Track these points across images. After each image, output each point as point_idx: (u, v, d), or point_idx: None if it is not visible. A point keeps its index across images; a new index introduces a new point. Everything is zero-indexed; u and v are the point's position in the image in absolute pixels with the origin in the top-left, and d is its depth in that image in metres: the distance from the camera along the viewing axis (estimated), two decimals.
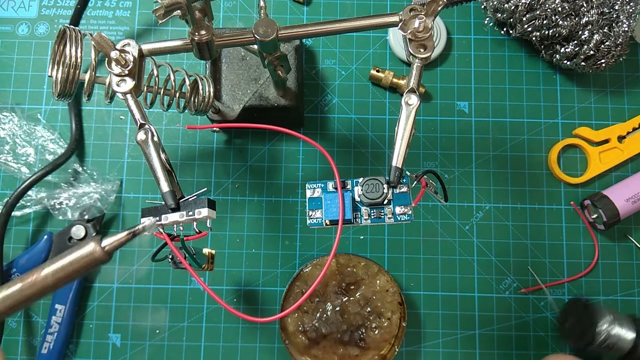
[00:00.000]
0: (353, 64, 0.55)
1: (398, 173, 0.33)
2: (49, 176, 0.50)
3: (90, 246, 0.23)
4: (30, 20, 0.56)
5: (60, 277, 0.23)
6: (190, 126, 0.44)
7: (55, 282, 0.23)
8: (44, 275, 0.23)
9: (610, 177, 0.54)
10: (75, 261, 0.23)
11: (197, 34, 0.35)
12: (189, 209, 0.33)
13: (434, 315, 0.51)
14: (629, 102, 0.55)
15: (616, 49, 0.50)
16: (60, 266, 0.23)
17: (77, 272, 0.23)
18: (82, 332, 0.51)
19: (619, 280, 0.52)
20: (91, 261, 0.23)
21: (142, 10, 0.57)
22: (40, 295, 0.23)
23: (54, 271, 0.23)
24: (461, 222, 0.53)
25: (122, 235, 0.25)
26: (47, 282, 0.23)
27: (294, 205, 0.53)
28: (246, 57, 0.51)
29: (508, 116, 0.54)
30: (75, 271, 0.23)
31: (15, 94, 0.55)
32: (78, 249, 0.23)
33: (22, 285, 0.23)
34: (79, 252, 0.23)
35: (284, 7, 0.57)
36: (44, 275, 0.23)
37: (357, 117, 0.54)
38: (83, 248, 0.23)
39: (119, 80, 0.35)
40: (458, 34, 0.56)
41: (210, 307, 0.51)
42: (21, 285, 0.23)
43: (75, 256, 0.23)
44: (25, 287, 0.23)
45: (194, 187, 0.53)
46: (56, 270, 0.23)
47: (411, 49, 0.34)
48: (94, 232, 0.51)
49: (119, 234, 0.25)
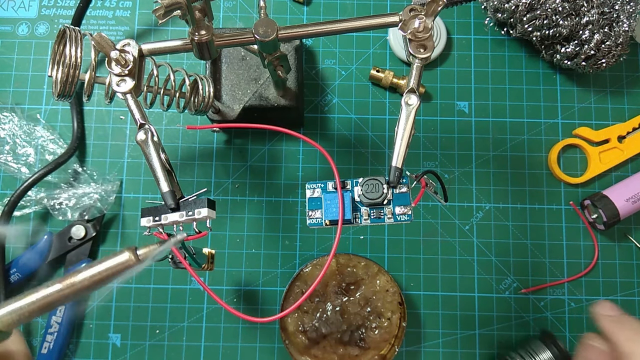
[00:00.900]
0: (353, 64, 0.55)
1: (398, 173, 0.32)
2: (49, 176, 0.50)
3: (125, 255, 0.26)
4: (30, 20, 0.57)
5: (96, 280, 0.26)
6: (191, 126, 0.44)
7: (90, 285, 0.26)
8: (81, 278, 0.26)
9: (610, 177, 0.54)
10: (111, 267, 0.26)
11: (197, 34, 0.35)
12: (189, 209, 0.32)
13: (434, 315, 0.51)
14: (629, 102, 0.55)
15: (616, 48, 0.50)
16: (97, 271, 0.26)
17: (111, 277, 0.26)
18: (82, 332, 0.51)
19: (619, 280, 0.52)
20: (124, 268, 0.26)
21: (142, 10, 0.57)
22: (77, 295, 0.26)
23: (91, 275, 0.26)
24: (461, 222, 0.53)
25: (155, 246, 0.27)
26: (84, 285, 0.25)
27: (294, 205, 0.53)
28: (246, 57, 0.51)
29: (508, 116, 0.54)
30: (109, 276, 0.26)
31: (15, 94, 0.55)
32: (114, 256, 0.26)
33: (62, 286, 0.25)
34: (114, 259, 0.26)
35: (284, 7, 0.57)
36: (81, 278, 0.26)
37: (357, 117, 0.54)
38: (118, 256, 0.26)
39: (119, 80, 0.35)
40: (458, 34, 0.56)
41: (210, 307, 0.51)
42: (61, 286, 0.25)
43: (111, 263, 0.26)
44: (65, 288, 0.25)
45: (194, 187, 0.53)
46: (93, 274, 0.26)
47: (411, 49, 0.34)
48: (94, 233, 0.51)
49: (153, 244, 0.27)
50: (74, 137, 0.52)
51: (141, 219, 0.33)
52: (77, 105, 0.54)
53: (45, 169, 0.49)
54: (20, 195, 0.49)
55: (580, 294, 0.51)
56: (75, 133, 0.53)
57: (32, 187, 0.49)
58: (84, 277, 0.26)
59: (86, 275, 0.26)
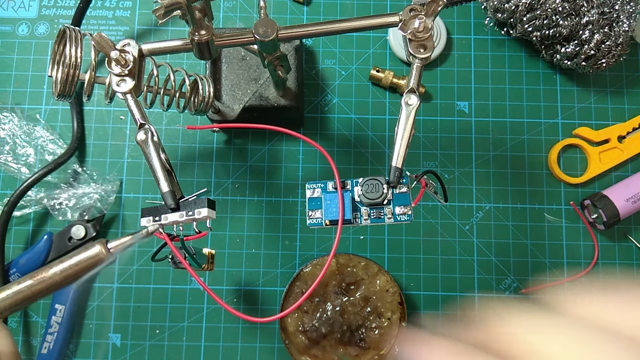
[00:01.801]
0: (353, 64, 0.55)
1: (398, 173, 0.32)
2: (49, 176, 0.50)
3: (96, 248, 0.25)
4: (30, 20, 0.56)
5: (67, 275, 0.25)
6: (190, 126, 0.44)
7: (62, 280, 0.25)
8: (52, 273, 0.25)
9: (610, 177, 0.54)
10: (82, 261, 0.25)
11: (197, 34, 0.35)
12: (189, 209, 0.32)
13: (434, 315, 0.51)
14: (629, 102, 0.55)
15: (617, 48, 0.50)
16: (68, 265, 0.25)
17: (83, 271, 0.25)
18: (82, 332, 0.51)
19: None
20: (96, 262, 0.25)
21: (142, 10, 0.57)
22: (48, 291, 0.25)
23: (61, 269, 0.25)
24: (461, 222, 0.53)
25: (127, 239, 0.26)
26: (55, 280, 0.25)
27: (294, 205, 0.53)
28: (246, 57, 0.51)
29: (508, 116, 0.54)
30: (81, 270, 0.25)
31: (15, 94, 0.55)
32: (85, 249, 0.25)
33: (32, 282, 0.25)
34: (86, 253, 0.25)
35: (284, 7, 0.57)
36: (52, 273, 0.25)
37: (357, 117, 0.54)
38: (90, 249, 0.25)
39: (119, 80, 0.35)
40: (458, 34, 0.56)
41: (210, 307, 0.51)
42: (31, 282, 0.25)
43: (82, 257, 0.25)
44: (35, 284, 0.25)
45: (194, 187, 0.53)
46: (64, 268, 0.25)
47: (411, 49, 0.34)
48: (94, 233, 0.51)
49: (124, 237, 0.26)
50: (73, 137, 0.52)
51: (141, 219, 0.33)
52: (76, 105, 0.54)
53: (45, 169, 0.49)
54: (20, 196, 0.49)
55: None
56: (75, 133, 0.53)
57: (32, 187, 0.49)
58: (55, 271, 0.25)
59: (57, 269, 0.25)
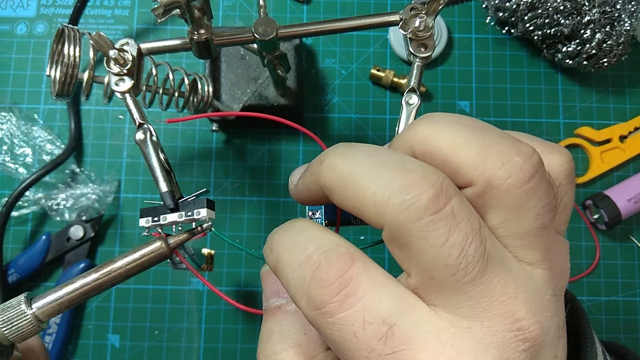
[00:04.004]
0: (353, 63, 0.55)
1: None
2: (47, 177, 0.50)
3: (157, 244, 0.28)
4: (29, 19, 0.56)
5: (130, 268, 0.28)
6: (171, 119, 0.43)
7: (125, 273, 0.28)
8: (118, 265, 0.28)
9: (611, 177, 0.53)
10: (145, 254, 0.28)
11: (196, 33, 0.34)
12: (188, 209, 0.32)
13: None
14: (630, 102, 0.55)
15: (618, 48, 0.49)
16: (132, 258, 0.28)
17: (144, 264, 0.28)
18: (81, 333, 0.51)
19: (621, 280, 0.51)
20: (157, 256, 0.28)
21: (141, 9, 0.57)
22: (113, 283, 0.28)
23: (126, 262, 0.28)
24: None
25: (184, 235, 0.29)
26: (120, 272, 0.28)
27: (293, 205, 0.53)
28: (246, 56, 0.50)
29: (509, 116, 0.54)
30: (143, 264, 0.28)
31: (13, 93, 0.54)
32: (147, 245, 0.28)
33: (98, 274, 0.27)
34: (148, 248, 0.28)
35: (284, 5, 0.56)
36: (118, 265, 0.28)
37: (357, 117, 0.54)
38: (152, 245, 0.28)
39: (118, 80, 0.34)
40: (459, 33, 0.56)
41: (209, 308, 0.51)
42: (97, 274, 0.27)
43: (145, 251, 0.28)
44: (101, 276, 0.27)
45: (193, 187, 0.53)
46: (128, 262, 0.28)
47: (412, 48, 0.34)
48: (93, 233, 0.50)
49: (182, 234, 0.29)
50: (71, 137, 0.52)
51: (140, 219, 0.33)
52: (74, 105, 0.53)
53: (43, 169, 0.49)
54: (18, 196, 0.49)
55: (581, 294, 0.51)
56: (72, 133, 0.52)
57: (29, 187, 0.49)
58: (121, 264, 0.28)
59: (122, 263, 0.28)
